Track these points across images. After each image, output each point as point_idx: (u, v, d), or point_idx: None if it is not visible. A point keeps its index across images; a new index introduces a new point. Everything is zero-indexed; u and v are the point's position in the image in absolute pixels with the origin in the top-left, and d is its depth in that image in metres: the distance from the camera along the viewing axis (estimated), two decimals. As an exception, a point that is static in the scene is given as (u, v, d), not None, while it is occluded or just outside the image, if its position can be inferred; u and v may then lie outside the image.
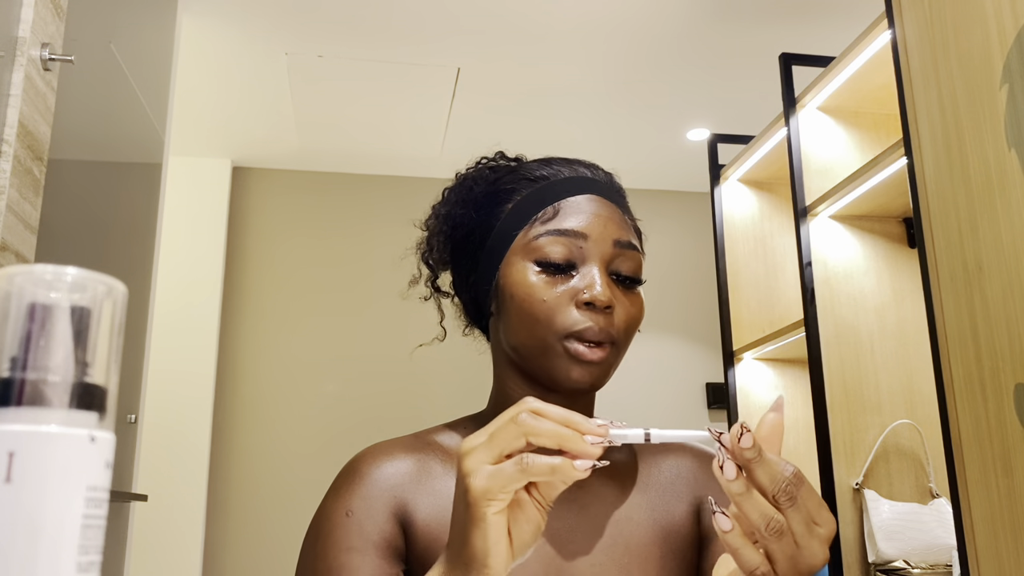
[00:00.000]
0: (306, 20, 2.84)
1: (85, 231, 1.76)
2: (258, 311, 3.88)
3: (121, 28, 1.97)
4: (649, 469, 0.83)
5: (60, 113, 1.40)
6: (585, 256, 0.76)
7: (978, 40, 1.30)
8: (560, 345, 0.74)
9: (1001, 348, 1.23)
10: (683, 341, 4.16)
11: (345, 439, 3.59)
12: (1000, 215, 1.24)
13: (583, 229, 0.77)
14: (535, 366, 0.77)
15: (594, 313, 0.74)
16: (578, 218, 0.77)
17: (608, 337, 0.75)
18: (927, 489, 1.97)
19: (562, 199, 0.78)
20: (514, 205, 0.79)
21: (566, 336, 0.74)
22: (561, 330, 0.74)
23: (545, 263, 0.76)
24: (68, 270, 0.34)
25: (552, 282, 0.76)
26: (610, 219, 0.78)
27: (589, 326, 0.74)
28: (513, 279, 0.77)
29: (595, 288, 0.74)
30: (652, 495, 0.81)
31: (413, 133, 3.68)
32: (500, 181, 0.82)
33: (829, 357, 1.98)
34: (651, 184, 4.15)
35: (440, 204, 0.87)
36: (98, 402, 0.35)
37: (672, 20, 2.85)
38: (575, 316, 0.74)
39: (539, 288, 0.75)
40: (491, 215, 0.81)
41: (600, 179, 0.82)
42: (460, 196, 0.84)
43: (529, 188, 0.80)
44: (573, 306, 0.75)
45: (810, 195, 2.09)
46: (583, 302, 0.74)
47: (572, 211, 0.78)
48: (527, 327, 0.76)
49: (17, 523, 0.31)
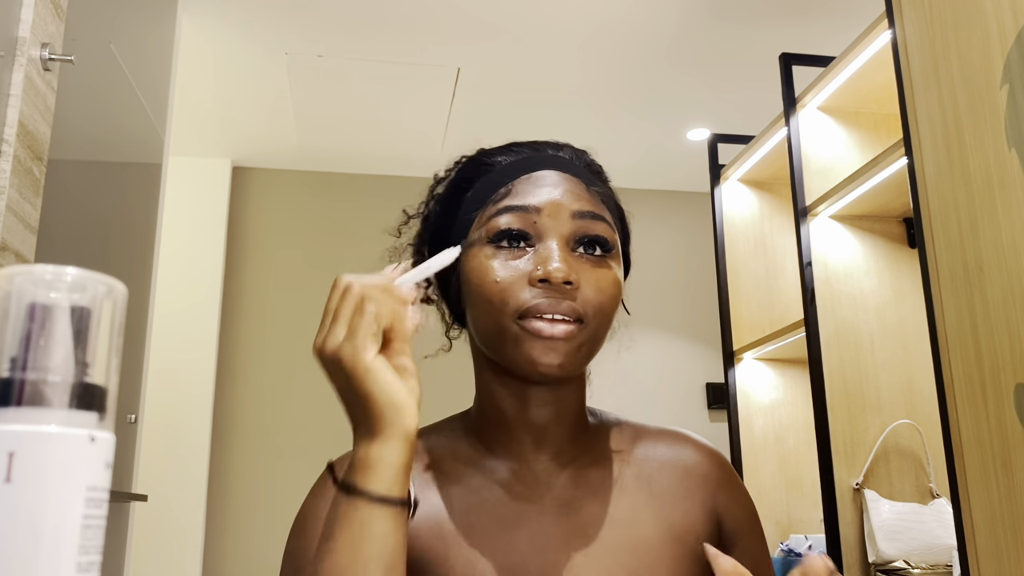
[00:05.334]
0: (306, 20, 2.84)
1: (85, 231, 1.76)
2: (258, 311, 3.88)
3: (121, 28, 1.97)
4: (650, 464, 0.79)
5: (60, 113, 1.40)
6: (541, 232, 0.72)
7: (978, 40, 1.30)
8: (515, 326, 0.69)
9: (1001, 348, 1.23)
10: (683, 341, 4.16)
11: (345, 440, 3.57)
12: (1000, 215, 1.24)
13: (537, 203, 0.72)
14: (500, 355, 0.72)
15: (551, 290, 0.69)
16: (533, 192, 0.73)
17: (573, 313, 0.69)
18: (927, 489, 1.97)
19: (516, 178, 0.75)
20: (472, 191, 0.76)
21: (520, 315, 0.69)
22: (515, 310, 0.69)
23: (499, 240, 0.72)
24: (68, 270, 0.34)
25: (507, 262, 0.71)
26: (569, 191, 0.74)
27: (542, 301, 0.69)
28: (470, 264, 0.73)
29: (551, 263, 0.69)
30: (656, 492, 0.77)
31: (413, 133, 3.68)
32: (461, 171, 0.80)
33: (829, 357, 1.98)
34: (651, 184, 4.15)
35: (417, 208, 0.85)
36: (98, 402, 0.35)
37: (672, 20, 2.85)
38: (528, 293, 0.69)
39: (492, 269, 0.71)
40: (453, 206, 0.78)
41: (564, 155, 0.78)
42: (431, 195, 0.83)
43: (487, 172, 0.77)
44: (527, 284, 0.70)
45: (810, 195, 2.09)
46: (537, 279, 0.69)
47: (527, 187, 0.74)
48: (485, 312, 0.71)
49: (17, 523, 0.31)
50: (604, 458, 0.78)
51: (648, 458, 0.79)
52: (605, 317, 0.72)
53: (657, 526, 0.74)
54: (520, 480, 0.75)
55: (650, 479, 0.78)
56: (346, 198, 4.07)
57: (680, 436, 0.82)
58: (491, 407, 0.77)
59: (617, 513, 0.74)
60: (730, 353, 2.51)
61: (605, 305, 0.72)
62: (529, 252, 0.72)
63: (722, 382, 2.84)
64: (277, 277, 3.93)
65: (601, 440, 0.80)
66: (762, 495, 2.37)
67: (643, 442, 0.81)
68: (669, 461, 0.79)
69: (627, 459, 0.79)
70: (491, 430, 0.77)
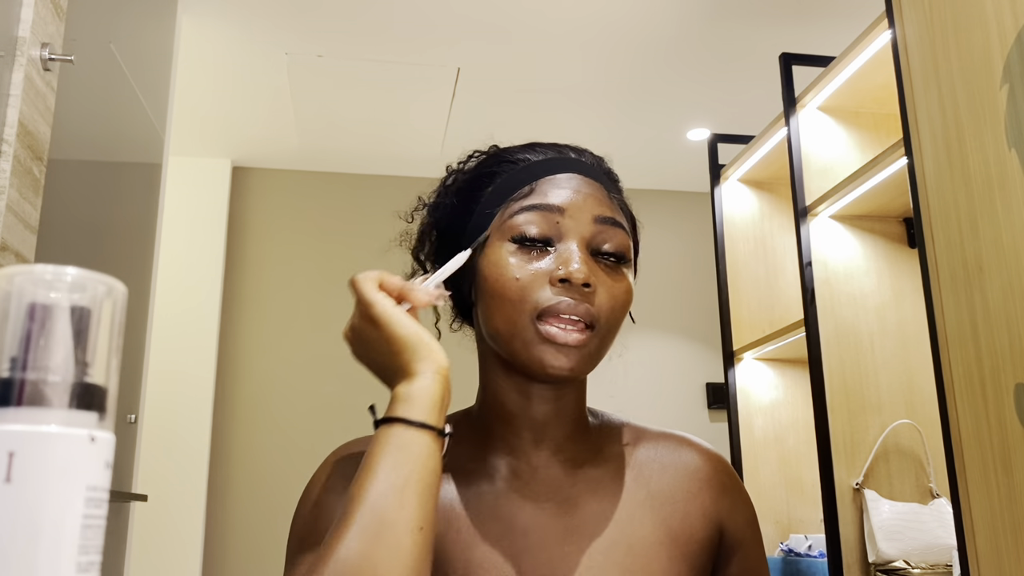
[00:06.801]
0: (306, 20, 2.84)
1: (85, 231, 1.76)
2: (258, 311, 3.88)
3: (121, 28, 1.97)
4: (650, 465, 0.79)
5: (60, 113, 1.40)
6: (562, 232, 0.72)
7: (978, 40, 1.30)
8: (532, 327, 0.70)
9: (1001, 348, 1.23)
10: (683, 341, 4.16)
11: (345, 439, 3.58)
12: (1000, 215, 1.24)
13: (560, 204, 0.73)
14: (511, 353, 0.72)
15: (570, 290, 0.70)
16: (556, 194, 0.74)
17: (588, 316, 0.70)
18: (927, 489, 1.97)
19: (540, 178, 0.75)
20: (493, 187, 0.76)
21: (538, 316, 0.70)
22: (532, 309, 0.70)
23: (520, 240, 0.72)
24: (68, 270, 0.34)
25: (527, 260, 0.72)
26: (591, 195, 0.74)
27: (562, 300, 0.69)
28: (488, 260, 0.73)
29: (571, 264, 0.70)
30: (656, 492, 0.77)
31: (413, 133, 3.68)
32: (481, 166, 0.80)
33: (829, 357, 1.98)
34: (651, 184, 4.15)
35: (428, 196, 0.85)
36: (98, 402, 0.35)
37: (672, 20, 2.85)
38: (548, 293, 0.70)
39: (513, 267, 0.71)
40: (472, 199, 0.78)
41: (586, 160, 0.78)
42: (445, 186, 0.83)
43: (510, 170, 0.77)
44: (548, 284, 0.70)
45: (810, 195, 2.09)
46: (558, 279, 0.70)
47: (550, 187, 0.74)
48: (500, 309, 0.71)
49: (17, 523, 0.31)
50: (604, 457, 0.78)
51: (650, 460, 0.79)
52: (615, 324, 0.73)
53: (654, 526, 0.74)
54: (519, 476, 0.76)
55: (650, 480, 0.77)
56: (346, 198, 4.07)
57: (684, 440, 0.82)
58: (494, 402, 0.78)
59: (614, 512, 0.75)
60: (730, 353, 2.51)
61: (617, 312, 0.73)
62: (550, 252, 0.72)
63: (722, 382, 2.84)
64: (277, 277, 3.93)
65: (603, 440, 0.80)
66: (762, 495, 2.37)
67: (645, 444, 0.81)
68: (671, 464, 0.79)
69: (628, 460, 0.79)
70: (493, 425, 0.78)
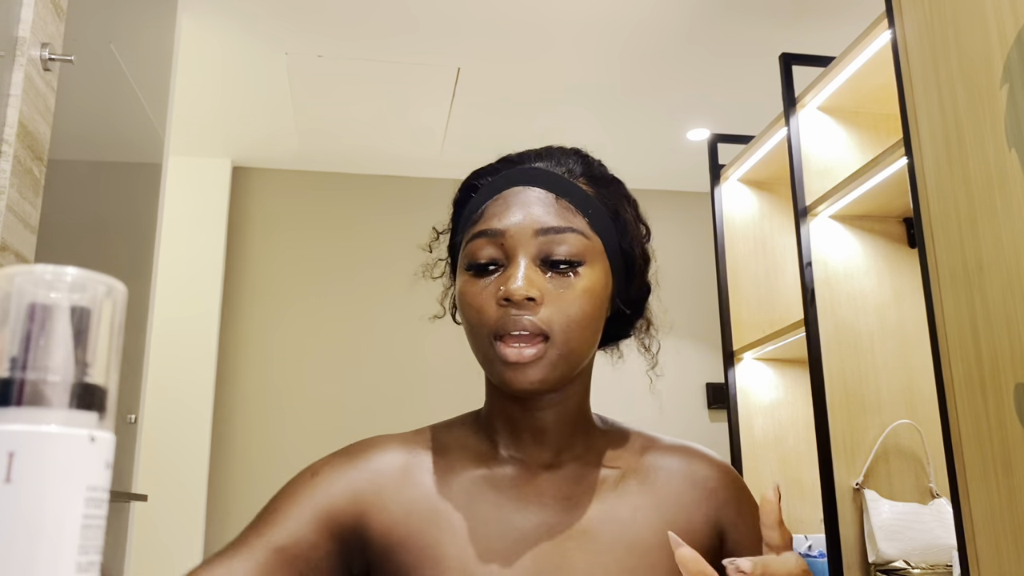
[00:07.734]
0: (306, 20, 2.84)
1: (85, 231, 1.76)
2: (258, 311, 3.88)
3: (121, 28, 1.97)
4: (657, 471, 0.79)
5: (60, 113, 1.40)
6: (508, 252, 0.74)
7: (978, 40, 1.30)
8: (493, 350, 0.72)
9: (1001, 348, 1.23)
10: (683, 341, 4.15)
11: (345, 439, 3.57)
12: (1000, 215, 1.24)
13: (501, 226, 0.74)
14: (488, 375, 0.77)
15: (514, 308, 0.71)
16: (500, 216, 0.75)
17: (535, 328, 0.71)
18: (927, 489, 1.97)
19: (489, 199, 0.77)
20: (462, 215, 0.80)
21: (495, 337, 0.72)
22: (489, 332, 0.72)
23: (473, 267, 0.75)
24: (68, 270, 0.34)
25: (482, 286, 0.74)
26: (535, 208, 0.74)
27: (507, 321, 0.71)
28: (458, 290, 0.77)
29: (511, 282, 0.71)
30: (661, 497, 0.77)
31: (413, 133, 3.67)
32: (457, 195, 0.83)
33: (829, 357, 1.98)
34: (651, 184, 4.15)
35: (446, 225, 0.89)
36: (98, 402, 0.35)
37: (672, 20, 2.85)
38: (496, 314, 0.72)
39: (470, 294, 0.74)
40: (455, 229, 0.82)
41: (542, 167, 0.77)
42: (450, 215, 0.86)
43: (469, 196, 0.80)
44: (496, 305, 0.72)
45: (810, 195, 2.09)
46: (501, 299, 0.72)
47: (496, 209, 0.76)
48: (469, 335, 0.76)
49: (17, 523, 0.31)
50: (610, 461, 0.79)
51: (657, 466, 0.80)
52: (576, 329, 0.72)
53: (657, 528, 0.75)
54: (522, 475, 0.77)
55: (655, 485, 0.78)
56: (346, 198, 4.07)
57: (694, 451, 0.83)
58: (498, 408, 0.80)
59: (617, 512, 0.75)
60: (730, 353, 2.51)
61: (573, 318, 0.72)
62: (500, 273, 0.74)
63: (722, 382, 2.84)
64: (277, 277, 3.93)
65: (610, 445, 0.81)
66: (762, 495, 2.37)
67: (654, 451, 0.81)
68: (678, 471, 0.80)
69: (634, 465, 0.80)
70: (497, 428, 0.80)
